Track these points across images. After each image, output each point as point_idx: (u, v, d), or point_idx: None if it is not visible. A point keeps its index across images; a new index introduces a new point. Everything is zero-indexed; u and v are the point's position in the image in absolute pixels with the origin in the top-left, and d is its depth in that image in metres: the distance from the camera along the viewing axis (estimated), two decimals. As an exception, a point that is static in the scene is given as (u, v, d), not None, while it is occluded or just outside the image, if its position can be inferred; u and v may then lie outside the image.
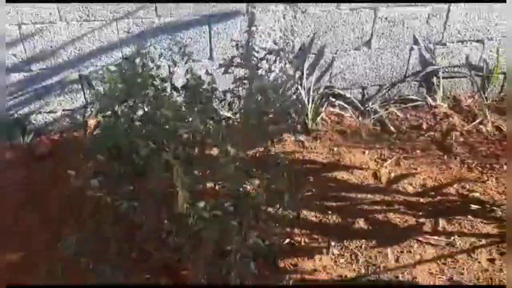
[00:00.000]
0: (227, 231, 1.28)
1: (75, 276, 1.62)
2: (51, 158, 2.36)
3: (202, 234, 1.23)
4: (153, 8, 2.33)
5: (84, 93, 2.46)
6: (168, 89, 1.50)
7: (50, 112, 2.48)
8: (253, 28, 2.49)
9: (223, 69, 1.92)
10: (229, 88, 1.79)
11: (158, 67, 1.63)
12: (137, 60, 1.44)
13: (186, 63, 1.59)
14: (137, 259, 1.62)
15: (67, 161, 2.28)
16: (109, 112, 1.47)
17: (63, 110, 2.49)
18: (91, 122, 2.52)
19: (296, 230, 1.94)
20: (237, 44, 2.31)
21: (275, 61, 1.94)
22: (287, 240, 1.88)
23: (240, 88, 1.75)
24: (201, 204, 1.24)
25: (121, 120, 1.40)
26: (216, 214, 1.26)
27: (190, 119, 1.31)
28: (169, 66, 2.17)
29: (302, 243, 1.89)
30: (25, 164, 2.31)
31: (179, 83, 1.65)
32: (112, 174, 1.43)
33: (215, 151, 1.46)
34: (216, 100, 1.65)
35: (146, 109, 1.41)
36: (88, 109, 2.52)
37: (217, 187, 1.47)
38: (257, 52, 2.43)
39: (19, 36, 2.25)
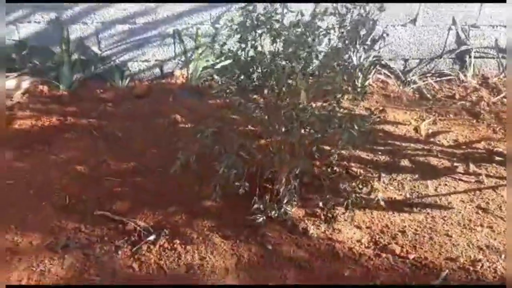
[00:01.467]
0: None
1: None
2: (147, 98, 2.84)
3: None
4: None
5: (174, 46, 2.93)
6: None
7: (144, 61, 2.95)
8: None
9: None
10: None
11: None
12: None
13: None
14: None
15: (160, 100, 2.77)
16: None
17: (155, 60, 2.96)
18: (178, 72, 3.00)
19: (353, 164, 2.41)
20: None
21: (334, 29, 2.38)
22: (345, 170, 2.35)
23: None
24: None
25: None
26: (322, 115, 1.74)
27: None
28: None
29: (358, 173, 2.36)
30: (127, 100, 2.80)
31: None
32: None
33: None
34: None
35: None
36: (176, 60, 2.98)
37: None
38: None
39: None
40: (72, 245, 1.83)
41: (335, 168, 2.10)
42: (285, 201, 1.95)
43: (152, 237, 1.86)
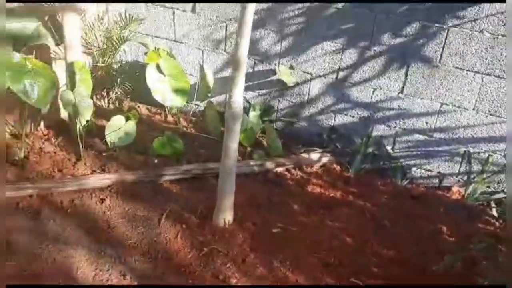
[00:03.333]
0: None
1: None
2: (419, 201, 3.10)
3: None
4: None
5: (460, 165, 3.13)
6: None
7: (427, 170, 3.24)
8: None
9: None
10: None
11: None
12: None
13: None
14: None
15: (431, 208, 2.99)
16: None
17: (437, 172, 3.21)
18: (455, 188, 3.17)
19: None
20: None
21: None
22: None
23: None
24: None
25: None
26: None
27: None
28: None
29: None
30: (401, 197, 3.12)
31: None
32: None
33: None
34: None
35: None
36: (457, 178, 3.16)
37: None
38: None
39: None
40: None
41: None
42: None
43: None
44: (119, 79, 3.83)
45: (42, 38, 3.01)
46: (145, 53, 3.83)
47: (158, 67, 3.20)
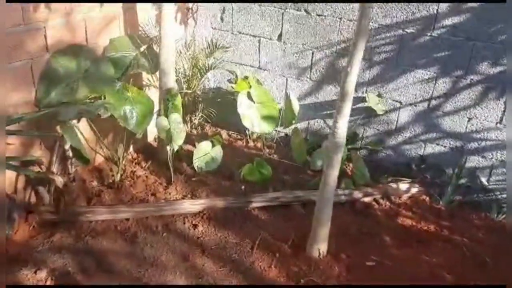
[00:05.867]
0: None
1: None
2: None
3: None
4: None
5: None
6: None
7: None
8: None
9: None
10: None
11: None
12: None
13: None
14: None
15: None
16: None
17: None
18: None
19: None
20: None
21: None
22: None
23: None
24: None
25: None
26: None
27: None
28: None
29: None
30: (497, 232, 2.96)
31: None
32: None
33: None
34: None
35: None
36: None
37: None
38: None
39: None
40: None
41: None
42: None
43: None
44: (201, 105, 3.93)
45: (140, 67, 3.14)
46: (228, 80, 3.91)
47: (248, 95, 3.25)
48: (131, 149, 3.53)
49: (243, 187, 3.20)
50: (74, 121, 2.86)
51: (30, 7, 2.57)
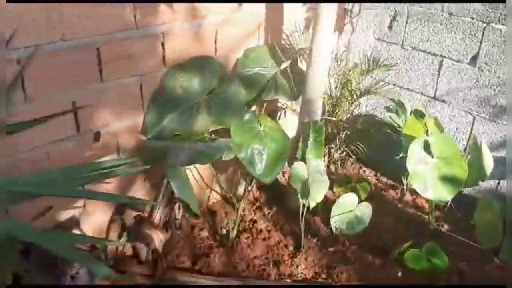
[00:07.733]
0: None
1: None
2: None
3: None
4: None
5: None
6: None
7: None
8: None
9: None
10: None
11: None
12: None
13: None
14: None
15: None
16: None
17: None
18: None
19: None
20: None
21: None
22: None
23: None
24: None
25: None
26: None
27: None
28: None
29: None
30: None
31: None
32: None
33: None
34: None
35: None
36: None
37: None
38: None
39: None
40: None
41: None
42: None
43: None
44: (345, 134, 3.03)
45: (278, 91, 2.36)
46: (386, 108, 2.97)
47: (426, 145, 2.26)
48: (253, 187, 2.77)
49: (399, 273, 2.27)
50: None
51: (147, 7, 1.90)
